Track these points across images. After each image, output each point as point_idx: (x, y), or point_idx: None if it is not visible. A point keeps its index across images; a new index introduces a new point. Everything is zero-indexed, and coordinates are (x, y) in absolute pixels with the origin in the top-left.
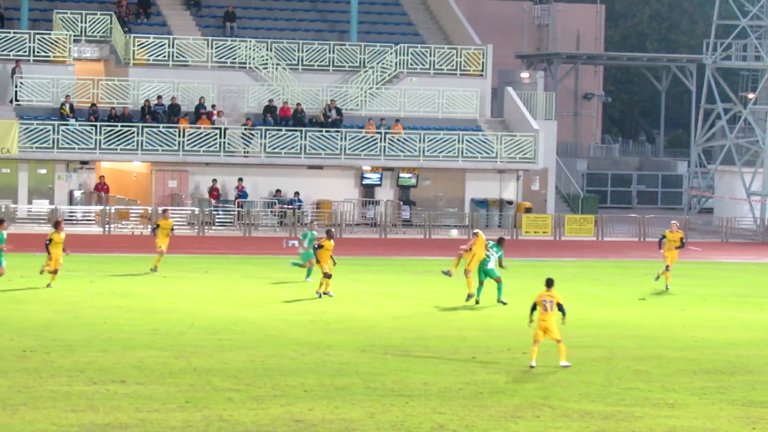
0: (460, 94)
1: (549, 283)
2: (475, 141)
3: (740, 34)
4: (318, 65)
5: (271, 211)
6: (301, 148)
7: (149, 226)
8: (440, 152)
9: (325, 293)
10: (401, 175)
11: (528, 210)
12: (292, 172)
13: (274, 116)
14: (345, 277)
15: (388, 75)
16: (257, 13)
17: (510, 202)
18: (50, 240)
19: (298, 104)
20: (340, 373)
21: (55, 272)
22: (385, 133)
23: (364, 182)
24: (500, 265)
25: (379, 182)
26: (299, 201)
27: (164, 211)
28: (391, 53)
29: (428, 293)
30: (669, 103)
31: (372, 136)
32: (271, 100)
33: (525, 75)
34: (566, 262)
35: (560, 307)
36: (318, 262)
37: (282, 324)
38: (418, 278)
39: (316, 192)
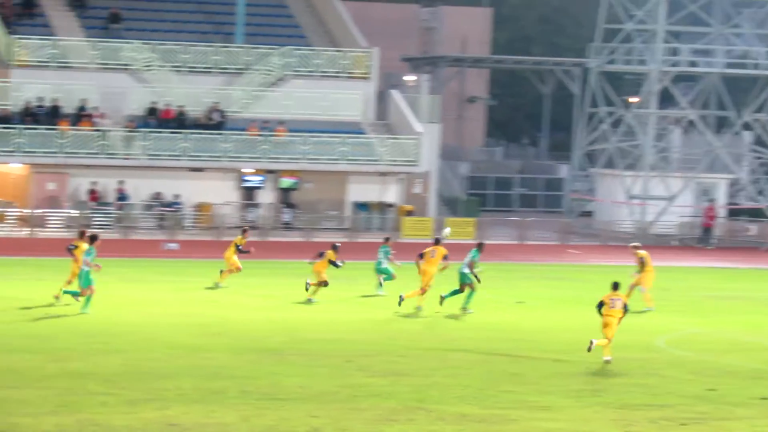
0: (345, 97)
1: (615, 286)
2: (358, 144)
3: (625, 38)
4: (202, 67)
5: (151, 214)
6: (182, 151)
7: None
8: (323, 155)
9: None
10: (282, 178)
11: (409, 213)
12: (174, 174)
13: (156, 118)
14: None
15: (273, 77)
16: (142, 14)
17: (391, 205)
18: None
19: (180, 106)
20: (215, 376)
21: None
22: (268, 135)
23: (244, 185)
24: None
25: (260, 185)
26: (179, 203)
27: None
28: (276, 55)
29: (303, 297)
30: (553, 106)
31: (254, 139)
32: (154, 102)
33: (410, 78)
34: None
35: (626, 307)
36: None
37: (158, 327)
38: (297, 281)
39: (196, 194)
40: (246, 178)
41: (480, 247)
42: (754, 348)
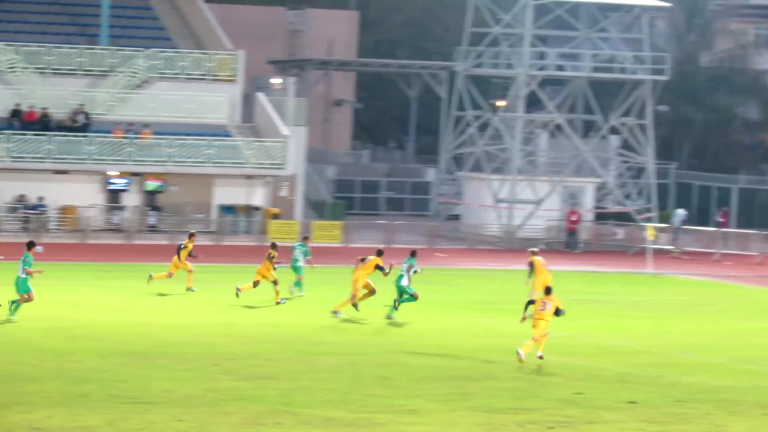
0: (211, 100)
1: (548, 290)
2: (224, 147)
3: (492, 42)
4: (67, 69)
5: (15, 216)
6: (47, 153)
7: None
8: (189, 158)
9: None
10: (147, 180)
11: (276, 216)
12: (38, 176)
13: (20, 120)
14: (89, 283)
15: (138, 79)
16: (6, 16)
17: (257, 208)
18: None
19: (45, 108)
20: (80, 380)
21: None
22: (133, 138)
23: (110, 187)
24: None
25: (125, 187)
26: (43, 206)
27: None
28: (141, 57)
29: (171, 300)
30: (420, 110)
31: (120, 141)
32: (17, 104)
33: (276, 81)
34: (316, 269)
35: (557, 311)
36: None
37: (23, 330)
38: (162, 284)
39: (61, 197)
40: (111, 180)
41: (414, 253)
42: (621, 351)
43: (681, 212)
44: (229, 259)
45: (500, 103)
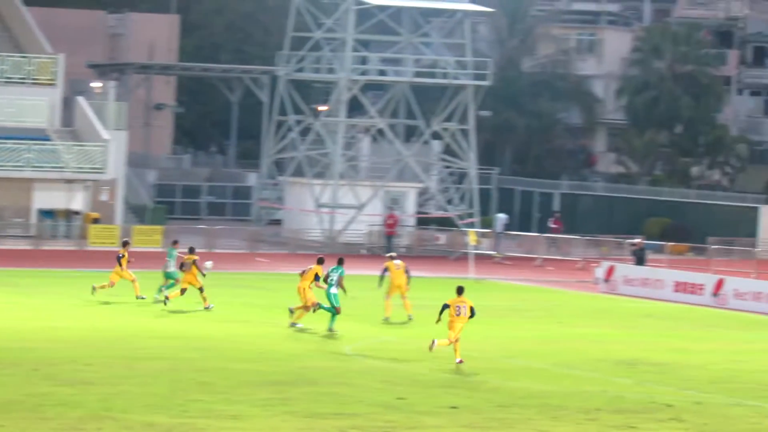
0: (30, 103)
1: (460, 290)
2: (44, 151)
3: (314, 46)
4: None
5: None
6: None
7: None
8: (8, 162)
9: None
10: None
11: (96, 220)
12: None
13: None
14: None
15: None
16: None
17: (77, 213)
18: None
19: None
20: None
21: None
22: None
23: None
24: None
25: None
26: None
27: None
28: None
29: None
30: (241, 114)
31: None
32: None
33: (96, 85)
34: (137, 273)
35: (472, 312)
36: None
37: None
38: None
39: None
40: None
41: (341, 262)
42: (444, 357)
43: (502, 217)
44: (48, 264)
45: (322, 108)
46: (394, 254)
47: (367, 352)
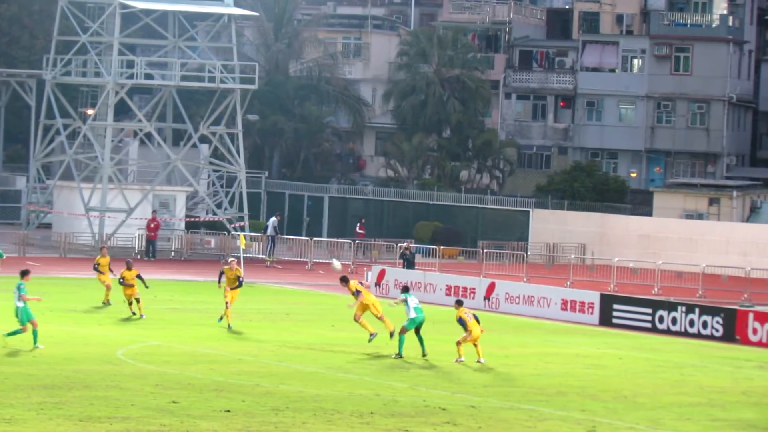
0: None
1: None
2: None
3: (81, 50)
4: None
5: None
6: None
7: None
8: None
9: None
10: None
11: None
12: None
13: None
14: None
15: None
16: None
17: None
18: None
19: None
20: None
21: None
22: None
23: None
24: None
25: None
26: None
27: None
28: None
29: None
30: (8, 117)
31: None
32: None
33: None
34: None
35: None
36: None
37: None
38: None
39: None
40: None
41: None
42: (216, 360)
43: (273, 220)
44: None
45: (89, 112)
46: (232, 259)
47: (138, 356)
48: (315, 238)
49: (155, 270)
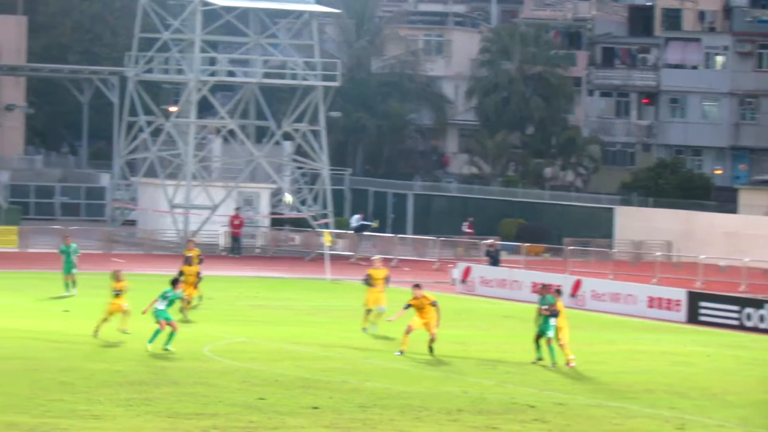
0: None
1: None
2: None
3: (162, 47)
4: None
5: None
6: None
7: None
8: None
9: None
10: None
11: None
12: None
13: None
14: None
15: None
16: None
17: None
18: None
19: None
20: None
21: None
22: None
23: None
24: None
25: None
26: None
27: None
28: None
29: None
30: (92, 115)
31: None
32: None
33: None
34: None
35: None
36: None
37: None
38: None
39: None
40: None
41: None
42: (303, 357)
43: (357, 217)
44: None
45: (172, 109)
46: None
47: (225, 353)
48: (400, 235)
49: (240, 267)
